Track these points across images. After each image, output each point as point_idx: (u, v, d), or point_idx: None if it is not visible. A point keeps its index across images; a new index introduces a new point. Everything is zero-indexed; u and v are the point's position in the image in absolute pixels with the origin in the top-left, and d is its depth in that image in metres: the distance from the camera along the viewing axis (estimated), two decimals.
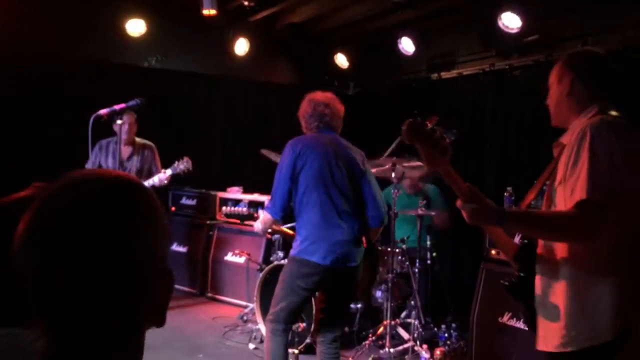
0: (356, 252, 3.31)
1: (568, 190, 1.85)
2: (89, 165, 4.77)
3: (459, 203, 1.88)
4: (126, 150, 4.96)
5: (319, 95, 3.46)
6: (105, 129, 4.38)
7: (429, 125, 1.83)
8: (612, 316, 1.82)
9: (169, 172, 4.72)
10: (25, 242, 0.80)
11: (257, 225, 3.56)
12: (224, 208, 5.23)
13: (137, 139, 5.06)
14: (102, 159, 4.92)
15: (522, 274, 2.10)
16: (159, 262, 0.87)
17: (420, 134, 1.82)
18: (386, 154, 4.49)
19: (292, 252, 3.35)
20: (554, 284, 1.95)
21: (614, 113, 1.95)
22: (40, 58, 5.64)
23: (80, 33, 5.88)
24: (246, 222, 5.40)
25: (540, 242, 2.06)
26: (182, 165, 4.70)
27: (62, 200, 0.81)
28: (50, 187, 0.84)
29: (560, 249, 1.94)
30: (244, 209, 5.34)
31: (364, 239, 3.38)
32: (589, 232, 1.81)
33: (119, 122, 4.03)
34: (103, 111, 3.85)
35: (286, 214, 3.39)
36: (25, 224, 0.81)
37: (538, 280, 2.03)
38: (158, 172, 4.94)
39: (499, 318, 4.04)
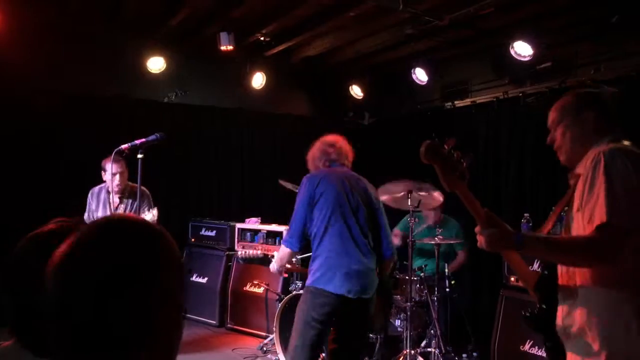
0: (370, 283, 3.29)
1: (587, 216, 1.84)
2: (85, 216, 4.59)
3: (477, 229, 1.89)
4: (116, 199, 4.57)
5: (327, 137, 3.57)
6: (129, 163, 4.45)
7: (446, 147, 1.86)
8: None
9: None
10: (55, 273, 0.88)
11: (273, 266, 3.56)
12: (239, 253, 5.33)
13: (130, 184, 4.59)
14: (93, 207, 4.60)
15: (543, 306, 2.07)
16: (176, 309, 0.95)
17: (438, 155, 1.85)
18: None
19: (307, 282, 3.32)
20: (577, 313, 1.92)
21: (626, 142, 1.96)
22: (63, 95, 5.82)
23: (103, 71, 6.08)
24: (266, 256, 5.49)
25: (561, 273, 2.03)
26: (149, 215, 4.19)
27: (93, 242, 0.90)
28: (87, 227, 0.93)
29: (583, 277, 1.92)
30: (259, 252, 5.42)
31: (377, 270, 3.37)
32: (610, 255, 1.79)
33: (107, 173, 4.27)
34: (124, 146, 3.96)
35: (304, 245, 3.39)
36: (58, 257, 0.89)
37: (560, 310, 2.01)
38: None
39: (520, 346, 4.00)
